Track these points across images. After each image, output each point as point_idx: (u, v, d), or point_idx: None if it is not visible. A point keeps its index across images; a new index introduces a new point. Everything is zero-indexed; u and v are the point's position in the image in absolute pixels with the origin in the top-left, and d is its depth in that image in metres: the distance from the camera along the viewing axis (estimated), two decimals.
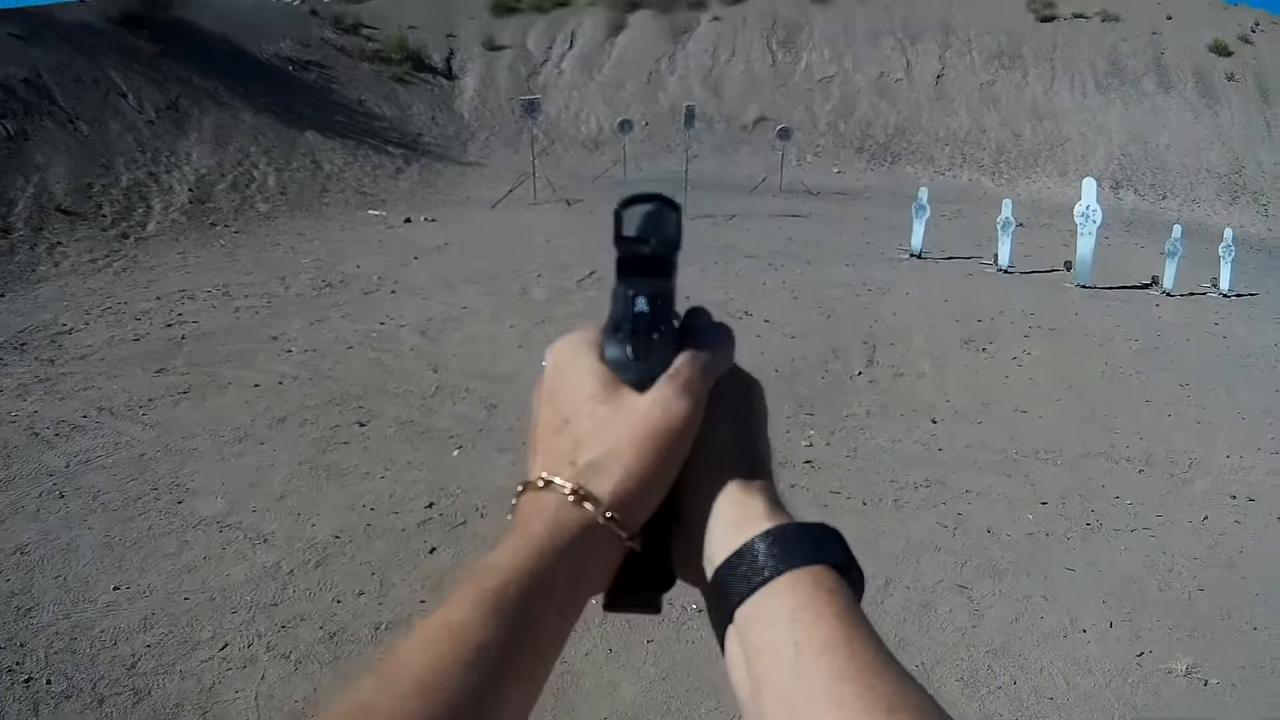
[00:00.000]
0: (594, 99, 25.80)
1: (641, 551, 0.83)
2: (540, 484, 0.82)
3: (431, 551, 6.59)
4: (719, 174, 23.78)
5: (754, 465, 0.87)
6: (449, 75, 25.21)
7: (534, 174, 18.70)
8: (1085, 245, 16.54)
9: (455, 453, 7.98)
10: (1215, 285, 17.59)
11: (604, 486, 0.80)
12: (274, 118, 19.29)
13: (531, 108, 19.42)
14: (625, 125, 21.37)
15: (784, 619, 0.73)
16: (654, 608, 0.88)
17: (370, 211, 16.54)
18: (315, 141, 19.22)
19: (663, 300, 0.87)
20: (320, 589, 6.12)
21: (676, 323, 0.89)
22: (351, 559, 6.46)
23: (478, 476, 7.59)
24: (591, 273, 12.97)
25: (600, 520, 0.79)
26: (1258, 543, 8.16)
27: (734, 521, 0.81)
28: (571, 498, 0.80)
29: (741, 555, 0.78)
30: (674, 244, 0.89)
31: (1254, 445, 10.14)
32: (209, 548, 6.45)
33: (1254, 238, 25.37)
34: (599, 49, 27.83)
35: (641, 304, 0.86)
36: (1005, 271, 16.74)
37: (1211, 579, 7.44)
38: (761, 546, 0.77)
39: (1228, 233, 17.74)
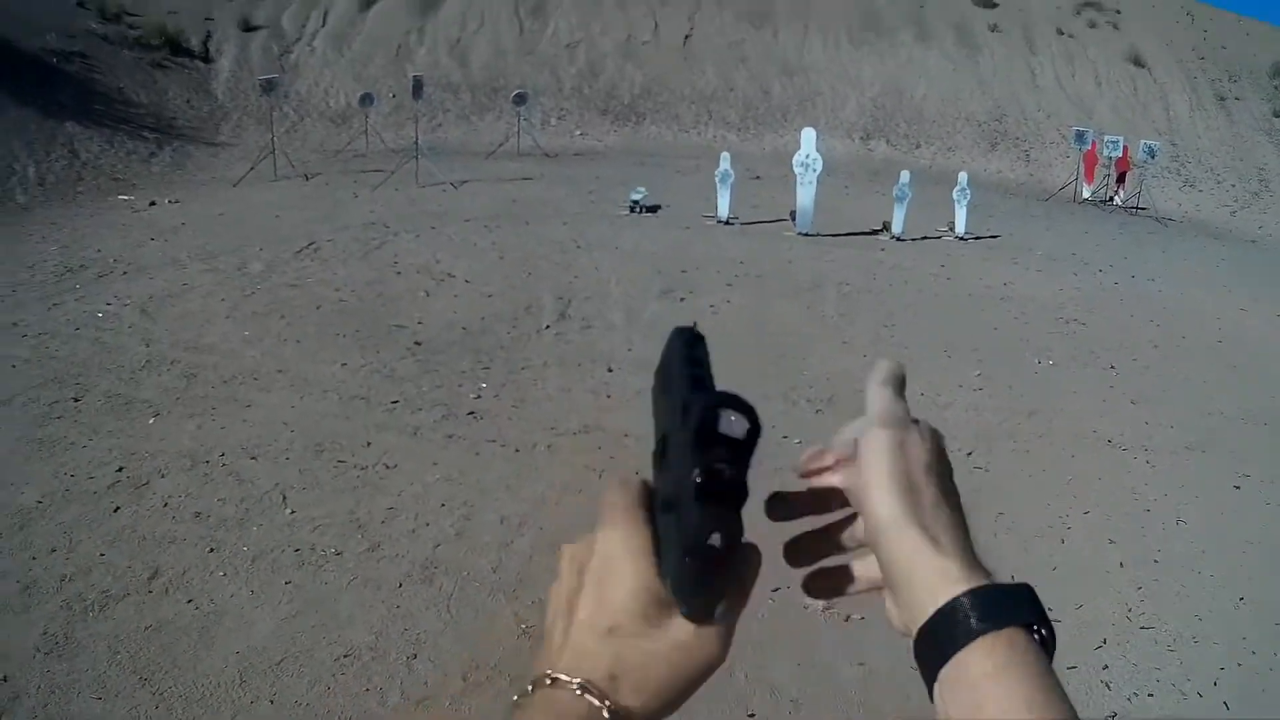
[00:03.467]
0: (344, 74, 25.53)
1: None
2: (578, 691, 0.79)
3: (115, 510, 6.85)
4: (461, 141, 23.87)
5: (941, 519, 0.86)
6: (206, 58, 24.61)
7: (274, 151, 18.65)
8: (805, 194, 16.74)
9: (151, 421, 8.19)
10: (951, 229, 18.01)
11: (636, 703, 0.79)
12: (37, 110, 18.79)
13: (270, 86, 19.29)
14: (367, 99, 21.34)
15: (983, 682, 0.75)
16: None
17: (120, 197, 16.34)
18: (74, 131, 18.76)
19: (734, 538, 0.79)
20: (20, 549, 6.37)
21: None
22: (50, 521, 6.70)
23: (165, 441, 7.85)
24: (310, 244, 13.13)
25: None
26: None
27: (932, 583, 0.82)
28: (606, 714, 0.78)
29: (940, 619, 0.80)
30: (746, 464, 0.78)
31: (955, 382, 10.50)
32: None
33: (1013, 183, 26.23)
34: (350, 25, 27.49)
35: (716, 539, 0.77)
36: (726, 223, 16.92)
37: None
38: (959, 609, 0.79)
39: (962, 176, 18.22)
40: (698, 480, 0.75)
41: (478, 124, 25.23)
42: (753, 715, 5.47)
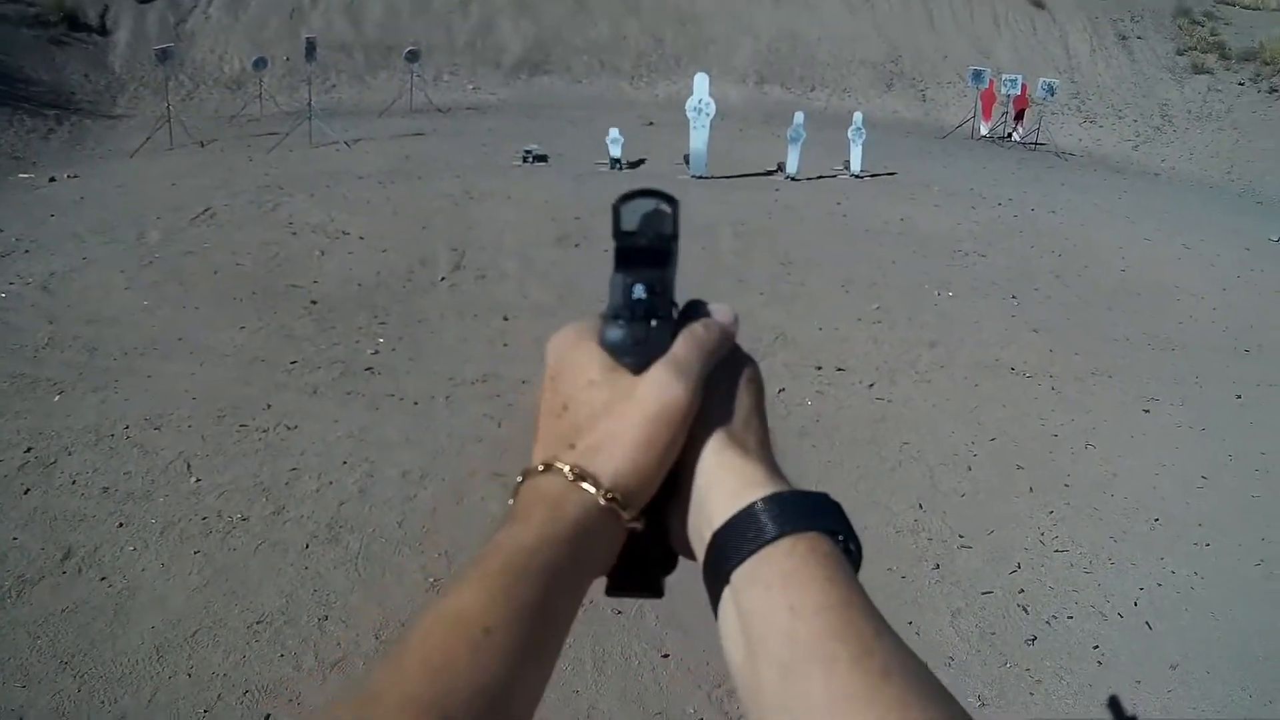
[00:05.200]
0: (239, 40, 24.72)
1: (644, 533, 0.82)
2: (540, 468, 0.80)
3: (26, 492, 6.61)
4: (355, 101, 23.33)
5: (751, 436, 0.84)
6: (103, 31, 23.88)
7: (169, 120, 18.08)
8: (698, 138, 16.51)
9: (56, 398, 7.91)
10: (847, 167, 17.83)
11: (603, 467, 0.78)
12: None
13: (165, 55, 18.64)
14: (260, 63, 20.82)
15: (779, 582, 0.70)
16: (657, 591, 0.86)
17: (20, 175, 15.79)
18: None
19: (661, 288, 0.85)
20: None
21: (675, 313, 0.87)
22: None
23: (71, 417, 7.57)
24: (206, 210, 12.69)
25: (601, 501, 0.77)
26: (832, 410, 8.42)
27: (734, 487, 0.78)
28: (572, 479, 0.78)
29: (741, 518, 0.75)
30: (671, 236, 0.87)
31: (853, 316, 10.40)
32: None
33: (909, 122, 25.85)
34: None
35: (639, 290, 0.84)
36: (621, 168, 16.73)
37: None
38: (762, 510, 0.75)
39: (857, 116, 18.05)
40: (617, 249, 0.85)
41: (371, 83, 24.66)
42: (666, 655, 5.43)
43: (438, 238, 12.04)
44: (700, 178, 16.39)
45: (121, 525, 6.27)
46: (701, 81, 16.81)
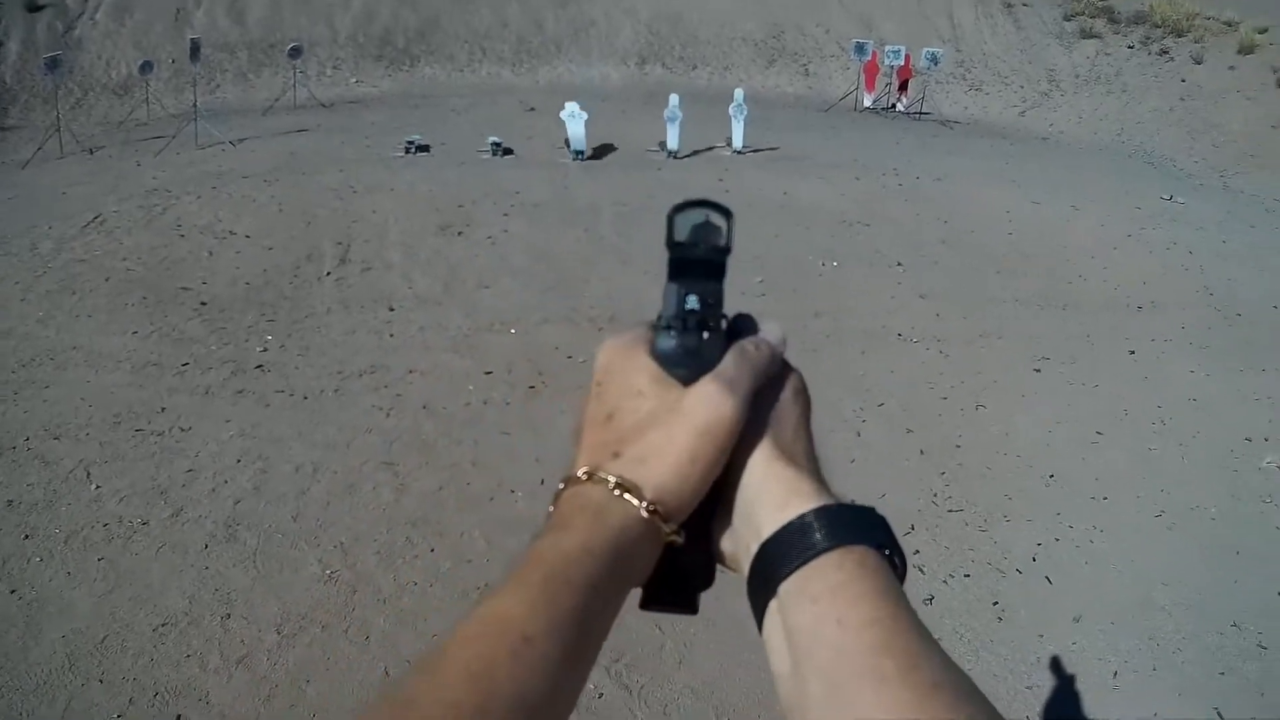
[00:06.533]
0: (125, 44, 24.01)
1: (683, 547, 0.78)
2: (583, 476, 0.78)
3: None
4: (240, 100, 22.74)
5: (799, 448, 0.82)
6: None
7: (59, 129, 17.59)
8: (575, 126, 16.23)
9: None
10: (729, 144, 17.52)
11: (647, 479, 0.75)
12: None
13: (54, 64, 17.97)
14: (146, 67, 20.27)
15: (827, 595, 0.69)
16: (692, 607, 0.82)
17: None
18: None
19: (713, 300, 0.83)
20: None
21: (725, 325, 0.85)
22: None
23: None
24: (96, 217, 12.32)
25: (643, 513, 0.75)
26: None
27: (784, 498, 0.76)
28: (615, 490, 0.75)
29: (791, 529, 0.73)
30: (725, 249, 0.85)
31: (737, 290, 9.61)
32: None
33: (792, 96, 25.14)
34: None
35: (693, 301, 0.82)
36: (501, 154, 16.41)
37: None
38: (813, 522, 0.73)
39: (737, 93, 17.64)
40: (671, 259, 0.83)
41: (255, 81, 24.03)
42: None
43: (323, 233, 11.83)
44: (580, 155, 16.13)
45: (27, 537, 6.20)
46: (572, 105, 16.44)
